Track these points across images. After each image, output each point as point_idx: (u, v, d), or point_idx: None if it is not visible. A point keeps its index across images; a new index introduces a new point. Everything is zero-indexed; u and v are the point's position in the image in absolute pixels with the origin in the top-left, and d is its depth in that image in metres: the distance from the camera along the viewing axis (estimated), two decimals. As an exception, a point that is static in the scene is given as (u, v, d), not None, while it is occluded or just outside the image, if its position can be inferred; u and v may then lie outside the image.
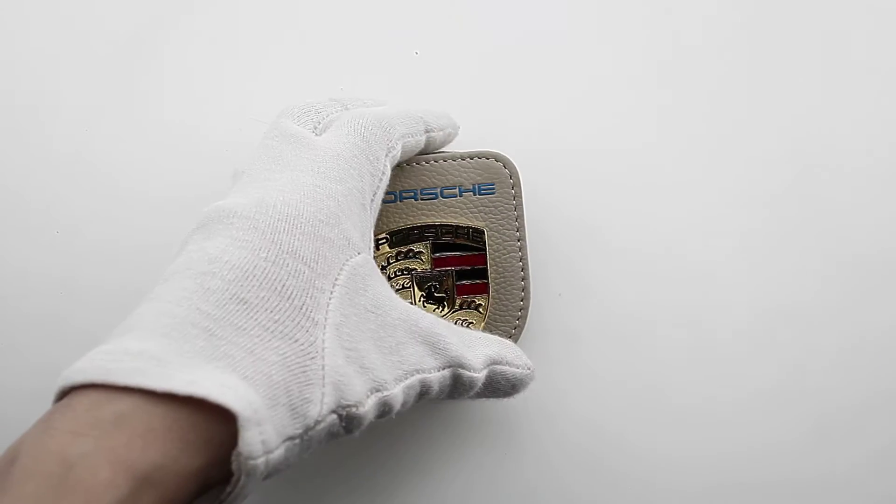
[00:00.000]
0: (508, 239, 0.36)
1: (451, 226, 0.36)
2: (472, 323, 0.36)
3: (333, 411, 0.25)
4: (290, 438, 0.24)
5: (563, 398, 0.38)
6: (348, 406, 0.26)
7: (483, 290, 0.36)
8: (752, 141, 0.40)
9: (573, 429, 0.38)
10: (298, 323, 0.25)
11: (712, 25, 0.41)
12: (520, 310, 0.37)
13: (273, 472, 0.24)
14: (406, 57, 0.41)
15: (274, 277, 0.25)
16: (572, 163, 0.39)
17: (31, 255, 0.38)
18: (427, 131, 0.34)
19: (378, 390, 0.27)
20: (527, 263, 0.37)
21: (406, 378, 0.28)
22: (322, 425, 0.25)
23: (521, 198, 0.36)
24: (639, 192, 0.39)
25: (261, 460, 0.23)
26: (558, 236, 0.39)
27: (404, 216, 0.36)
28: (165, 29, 0.40)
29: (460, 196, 0.36)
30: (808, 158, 0.40)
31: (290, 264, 0.26)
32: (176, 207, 0.39)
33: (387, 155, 0.32)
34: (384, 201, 0.36)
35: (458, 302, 0.36)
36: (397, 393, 0.28)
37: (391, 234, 0.36)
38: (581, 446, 0.38)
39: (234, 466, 0.23)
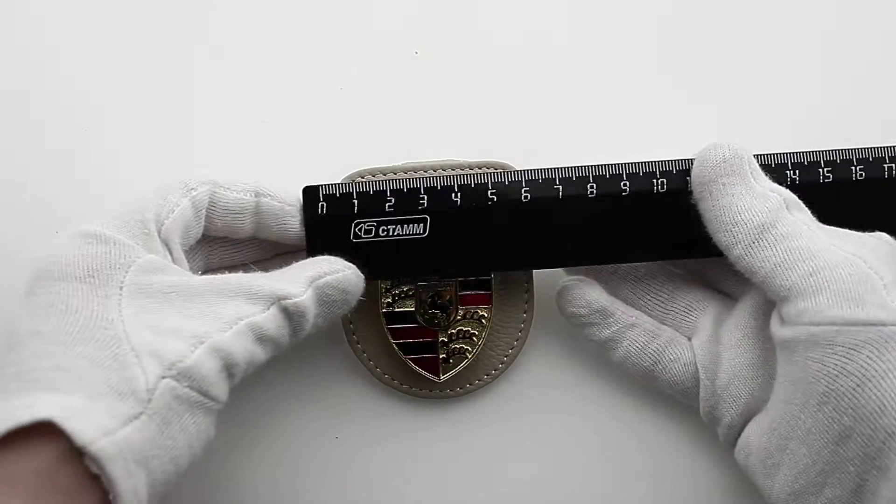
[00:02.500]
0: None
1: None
2: (473, 334, 0.36)
3: (164, 377, 0.26)
4: (135, 417, 0.25)
5: (565, 400, 0.38)
6: (175, 364, 0.27)
7: (486, 301, 0.36)
8: (754, 142, 0.40)
9: (577, 428, 0.38)
10: (94, 325, 0.27)
11: (716, 27, 0.40)
12: (522, 322, 0.37)
13: (144, 451, 0.25)
14: (406, 57, 0.40)
15: (55, 302, 0.27)
16: (573, 164, 0.39)
17: (31, 256, 0.38)
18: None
19: (202, 341, 0.27)
20: (531, 275, 0.37)
21: (229, 328, 0.28)
22: (161, 393, 0.26)
23: (527, 209, 0.36)
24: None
25: (104, 441, 0.24)
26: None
27: (409, 224, 0.36)
28: (167, 29, 0.40)
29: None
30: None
31: (64, 288, 0.28)
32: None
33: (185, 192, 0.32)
34: None
35: (460, 312, 0.36)
36: (227, 340, 0.28)
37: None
38: (583, 446, 0.38)
39: (87, 463, 0.24)
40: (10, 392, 0.25)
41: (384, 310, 0.36)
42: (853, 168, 0.34)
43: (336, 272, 0.32)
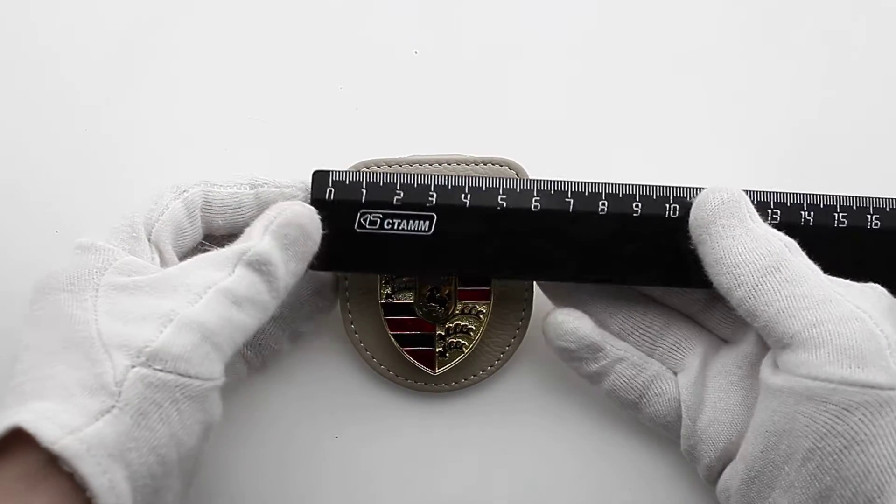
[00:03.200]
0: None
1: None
2: (471, 329, 0.36)
3: (133, 366, 0.26)
4: (106, 412, 0.25)
5: (559, 401, 0.38)
6: (143, 349, 0.26)
7: (485, 297, 0.36)
8: (757, 143, 0.40)
9: (569, 431, 0.38)
10: (72, 331, 0.27)
11: (719, 27, 0.41)
12: (520, 319, 0.37)
13: (119, 445, 0.25)
14: (405, 56, 0.40)
15: (45, 316, 0.28)
16: (574, 163, 0.39)
17: (30, 255, 0.38)
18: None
19: (170, 319, 0.27)
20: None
21: (199, 299, 0.28)
22: (131, 383, 0.26)
23: (531, 207, 0.36)
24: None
25: (68, 439, 0.24)
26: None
27: (412, 217, 0.36)
28: (166, 28, 0.40)
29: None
30: (813, 166, 0.40)
31: (52, 301, 0.29)
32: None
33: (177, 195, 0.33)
34: None
35: (458, 307, 0.36)
36: (198, 310, 0.28)
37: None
38: (584, 447, 0.38)
39: (60, 464, 0.24)
40: (5, 406, 0.26)
41: (382, 300, 0.36)
42: (869, 216, 0.34)
43: (283, 210, 0.31)
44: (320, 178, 0.34)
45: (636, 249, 0.34)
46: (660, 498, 0.37)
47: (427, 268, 0.35)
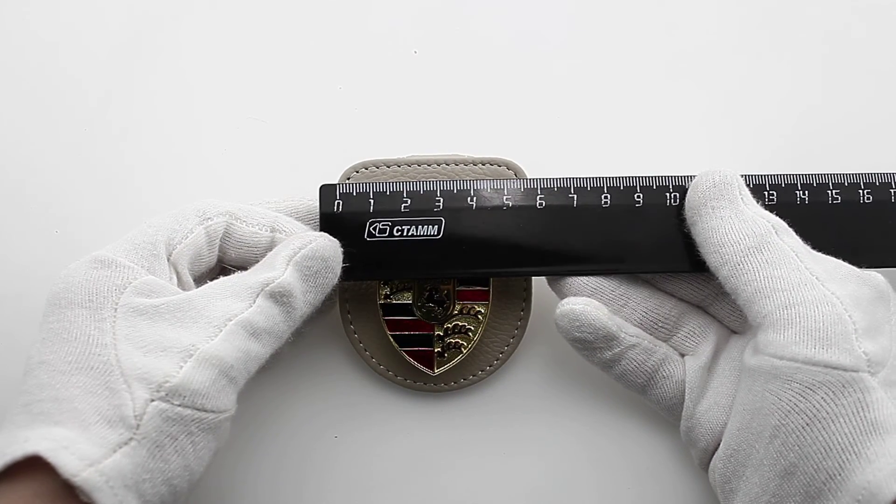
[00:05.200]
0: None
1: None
2: (469, 330, 0.36)
3: (152, 399, 0.27)
4: (124, 444, 0.26)
5: (558, 401, 0.38)
6: (163, 384, 0.27)
7: (484, 297, 0.36)
8: (757, 145, 0.40)
9: (569, 431, 0.38)
10: (89, 352, 0.27)
11: (720, 27, 0.41)
12: (519, 320, 0.37)
13: (134, 476, 0.26)
14: (405, 56, 0.40)
15: (60, 330, 0.28)
16: (574, 163, 0.39)
17: (30, 255, 0.38)
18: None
19: (190, 354, 0.28)
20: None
21: (219, 332, 0.29)
22: (150, 417, 0.26)
23: (530, 208, 0.36)
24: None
25: (89, 472, 0.24)
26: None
27: (411, 217, 0.36)
28: (166, 28, 0.40)
29: (469, 201, 0.36)
30: (809, 158, 0.40)
31: (68, 315, 0.28)
32: (174, 206, 0.38)
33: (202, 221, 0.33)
34: None
35: (457, 307, 0.36)
36: (217, 345, 0.28)
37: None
38: (583, 447, 0.38)
39: (78, 493, 0.24)
40: (16, 424, 0.26)
41: (381, 301, 0.36)
42: (860, 191, 0.35)
43: (309, 242, 0.32)
44: (328, 191, 0.34)
45: (641, 239, 0.34)
46: (659, 496, 0.38)
47: (438, 269, 0.35)
